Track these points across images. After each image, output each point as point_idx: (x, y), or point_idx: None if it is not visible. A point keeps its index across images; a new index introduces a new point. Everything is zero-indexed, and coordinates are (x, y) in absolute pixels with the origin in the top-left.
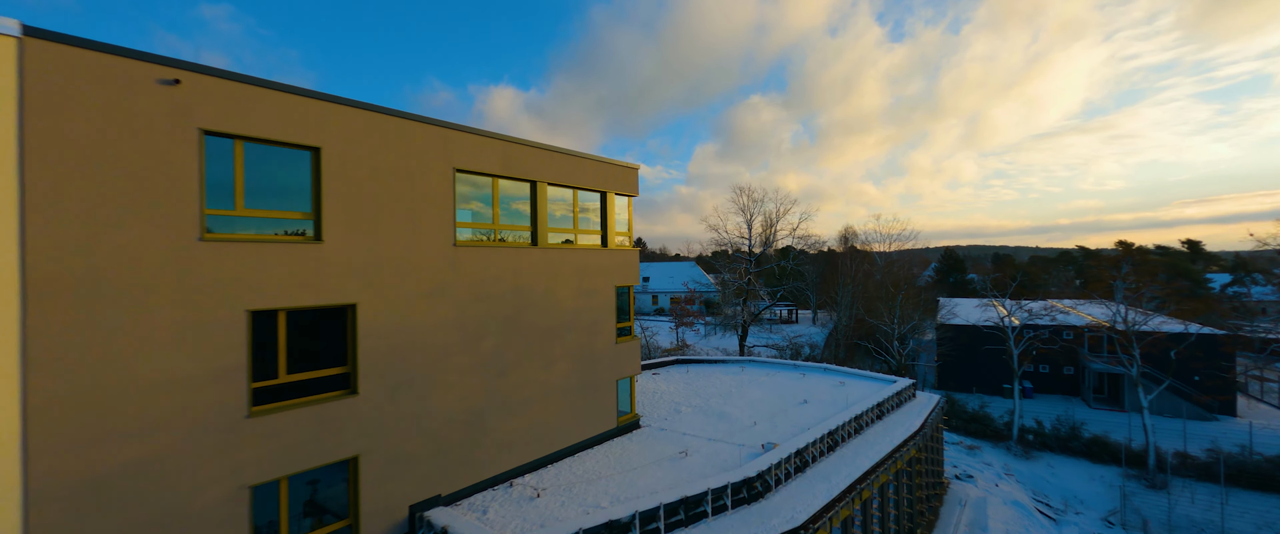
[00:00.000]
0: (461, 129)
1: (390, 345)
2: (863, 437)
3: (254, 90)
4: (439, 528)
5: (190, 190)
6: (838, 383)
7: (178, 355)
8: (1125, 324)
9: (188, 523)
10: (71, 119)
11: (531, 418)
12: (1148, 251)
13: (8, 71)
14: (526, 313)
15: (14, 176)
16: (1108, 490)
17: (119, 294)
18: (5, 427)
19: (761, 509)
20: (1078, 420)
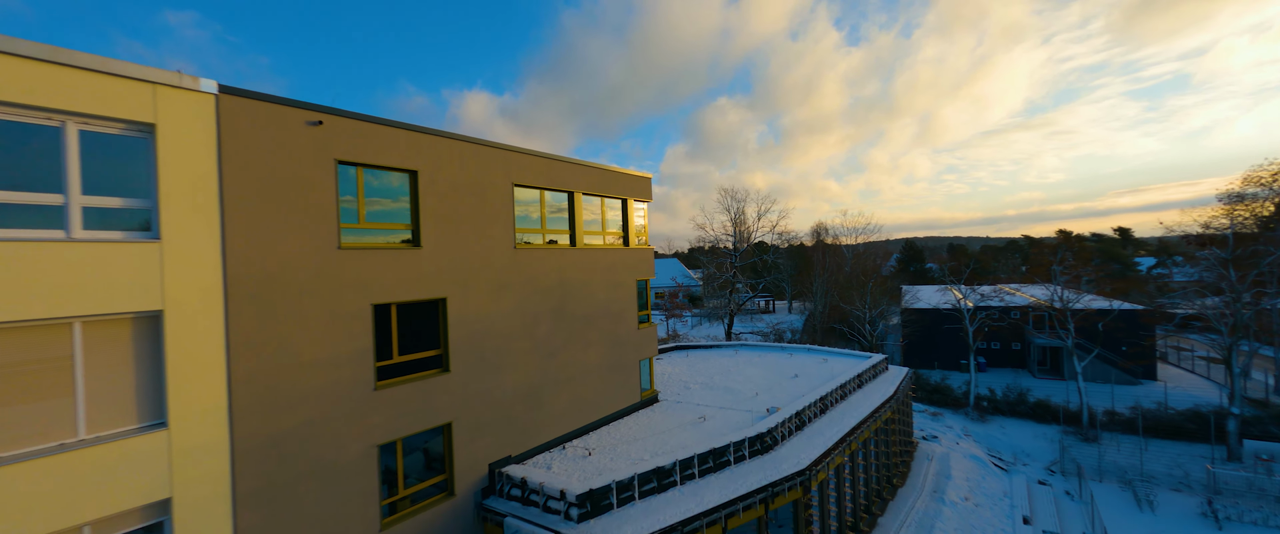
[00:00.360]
0: (516, 149)
1: (471, 332)
2: (847, 402)
3: (371, 126)
4: (518, 479)
5: (330, 209)
6: (821, 360)
7: (325, 341)
8: (1061, 303)
9: (335, 473)
10: (251, 154)
11: (575, 392)
12: (1084, 239)
13: (209, 120)
14: (569, 304)
15: (216, 200)
16: (1049, 445)
17: (285, 293)
18: (216, 396)
19: (772, 458)
20: (1024, 388)
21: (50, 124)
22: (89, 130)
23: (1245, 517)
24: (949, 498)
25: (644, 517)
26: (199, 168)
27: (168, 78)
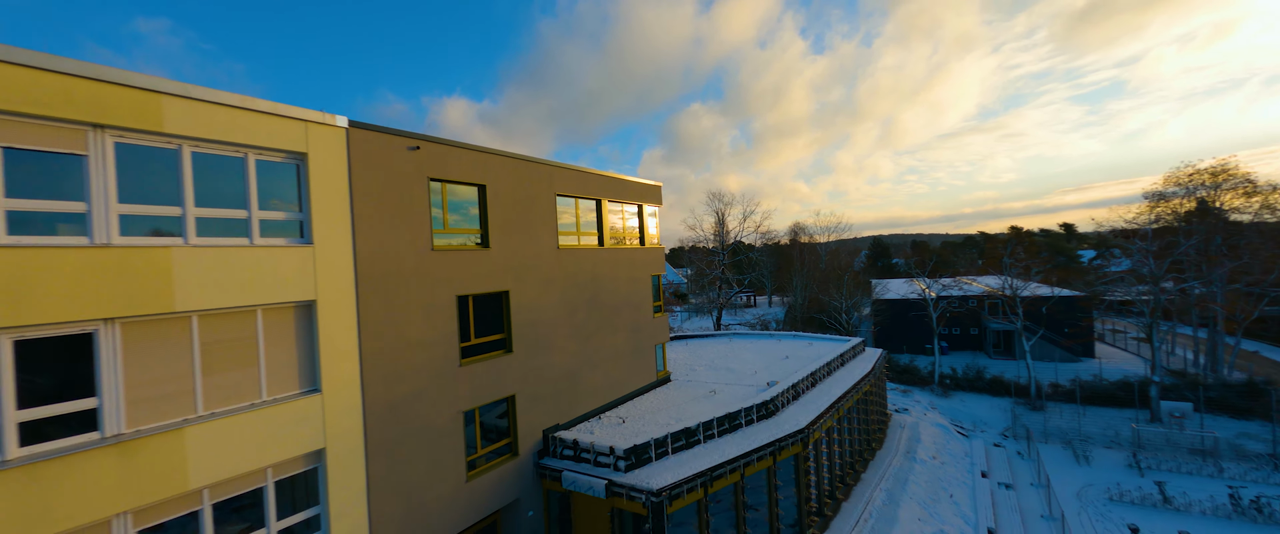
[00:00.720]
0: (555, 164)
1: (527, 319)
2: (833, 377)
3: (452, 148)
4: (570, 441)
5: (424, 217)
6: (807, 344)
7: (424, 325)
8: (1011, 291)
9: (433, 433)
10: (370, 174)
11: (606, 371)
12: (1033, 234)
13: (342, 148)
14: (599, 295)
15: (348, 212)
16: (1003, 414)
17: (396, 286)
18: (352, 369)
19: (775, 421)
20: (980, 367)
21: (237, 155)
22: (262, 159)
23: (1162, 466)
24: (920, 457)
25: (677, 466)
26: (336, 186)
27: (316, 116)
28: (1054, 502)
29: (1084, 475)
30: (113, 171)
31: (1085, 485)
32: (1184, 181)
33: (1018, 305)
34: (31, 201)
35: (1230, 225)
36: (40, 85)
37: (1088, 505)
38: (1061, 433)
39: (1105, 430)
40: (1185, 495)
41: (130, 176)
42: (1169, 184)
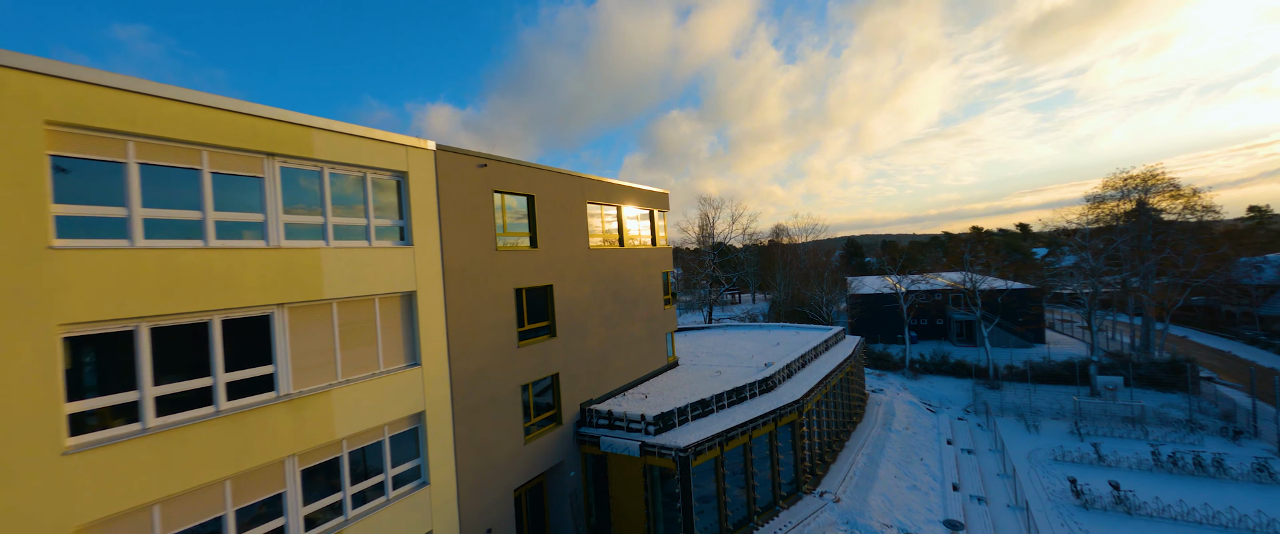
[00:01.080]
0: (586, 176)
1: (567, 309)
2: (819, 359)
3: (510, 165)
4: (605, 412)
5: (490, 223)
6: (795, 332)
7: (492, 312)
8: (971, 285)
9: (500, 402)
10: (452, 187)
11: (628, 355)
12: (992, 234)
13: (431, 167)
14: (621, 290)
15: (436, 218)
16: (965, 393)
17: (471, 279)
18: (442, 346)
19: (774, 394)
20: (945, 353)
21: (359, 175)
22: (376, 177)
23: (1098, 431)
24: (894, 428)
25: (697, 430)
26: (428, 197)
27: (414, 141)
28: (1008, 462)
29: (1034, 441)
30: (279, 189)
31: (1034, 449)
32: (1118, 186)
33: (977, 298)
34: (231, 214)
35: (1159, 224)
36: (238, 125)
37: (1036, 465)
38: (1015, 407)
39: (1052, 404)
40: (1115, 454)
41: (289, 192)
42: (1106, 188)
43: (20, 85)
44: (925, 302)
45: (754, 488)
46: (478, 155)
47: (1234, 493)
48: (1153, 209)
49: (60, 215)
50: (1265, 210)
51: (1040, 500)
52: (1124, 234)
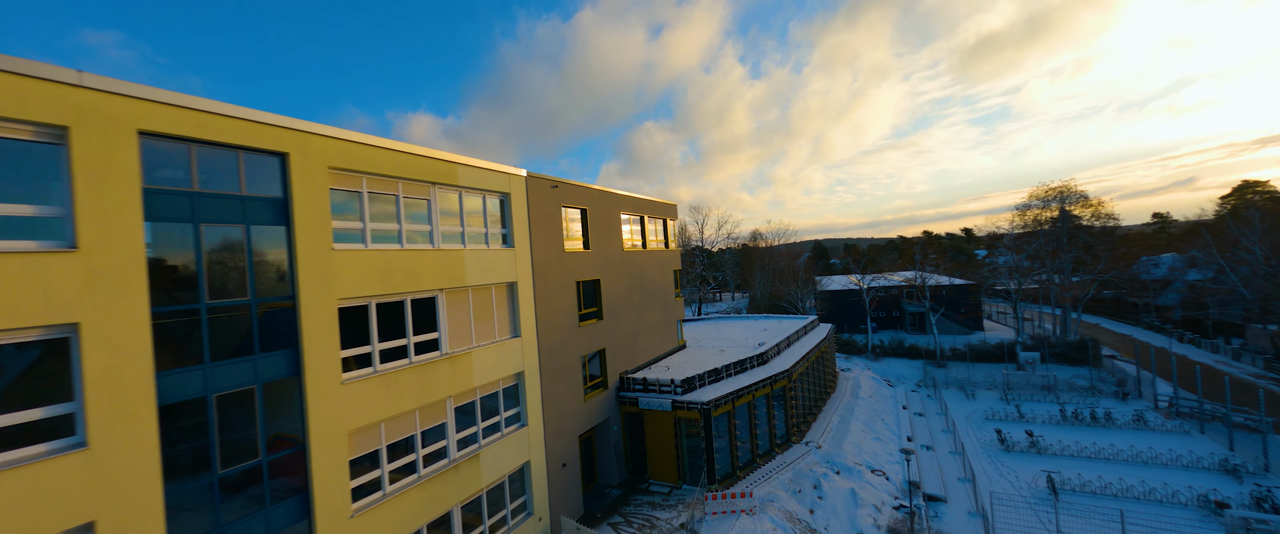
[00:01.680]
0: (619, 193)
1: (610, 298)
2: (800, 341)
3: (572, 184)
4: (640, 378)
5: (559, 231)
6: (778, 321)
7: (562, 299)
8: (922, 281)
9: (567, 369)
10: (536, 205)
11: (650, 337)
12: (940, 237)
13: (522, 188)
14: (645, 283)
15: (527, 228)
16: (917, 371)
17: (548, 274)
18: (532, 324)
19: (767, 366)
20: (901, 339)
21: (479, 196)
22: (489, 197)
23: (1021, 397)
24: (861, 397)
25: (713, 390)
26: (522, 211)
27: (512, 170)
28: (950, 421)
29: (971, 406)
30: (438, 207)
31: (971, 412)
32: (1041, 196)
33: (927, 293)
34: (413, 225)
35: (1074, 229)
36: (420, 163)
37: (972, 423)
38: (957, 381)
39: (986, 377)
40: (1033, 413)
41: (443, 209)
42: (1031, 198)
43: (321, 143)
44: (883, 296)
45: (757, 437)
46: (550, 179)
47: (1116, 436)
48: (1071, 216)
49: (335, 229)
50: (1166, 217)
51: (974, 447)
52: (1044, 238)
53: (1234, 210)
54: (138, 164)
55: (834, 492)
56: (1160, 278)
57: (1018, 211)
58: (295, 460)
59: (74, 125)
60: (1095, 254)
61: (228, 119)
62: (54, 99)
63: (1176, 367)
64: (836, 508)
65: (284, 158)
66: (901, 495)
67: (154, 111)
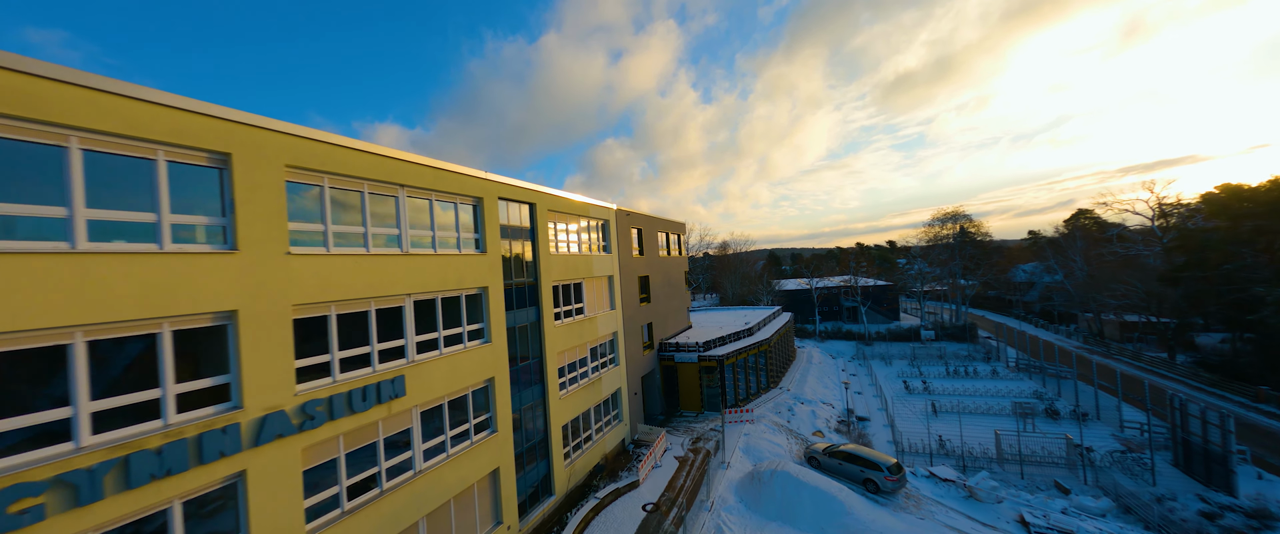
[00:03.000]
0: (658, 217)
1: (653, 289)
2: (772, 323)
3: (636, 214)
4: (673, 343)
5: (630, 244)
6: (753, 310)
7: (631, 287)
8: (855, 283)
9: (634, 333)
10: (621, 227)
11: (673, 318)
12: (869, 248)
13: (613, 216)
14: (670, 279)
15: (615, 243)
16: (852, 349)
17: (626, 271)
18: (618, 301)
19: (754, 336)
20: (840, 326)
21: (599, 222)
22: (599, 222)
23: (924, 365)
24: (814, 363)
25: (722, 349)
26: (613, 232)
27: (609, 203)
28: (874, 378)
29: (888, 369)
30: (573, 228)
31: (888, 372)
32: (940, 216)
33: (858, 292)
34: (577, 240)
35: (964, 243)
36: (571, 203)
37: (887, 379)
38: (880, 354)
39: (899, 351)
40: (928, 371)
41: (581, 231)
42: (933, 219)
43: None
44: (826, 294)
45: (750, 382)
46: (627, 210)
47: (977, 383)
48: (967, 232)
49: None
50: (1037, 234)
51: (888, 392)
52: (943, 250)
53: (1070, 232)
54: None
55: (801, 411)
56: (1024, 281)
57: (926, 228)
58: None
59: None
60: (979, 262)
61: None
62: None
63: (1028, 342)
64: (803, 419)
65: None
66: (842, 414)
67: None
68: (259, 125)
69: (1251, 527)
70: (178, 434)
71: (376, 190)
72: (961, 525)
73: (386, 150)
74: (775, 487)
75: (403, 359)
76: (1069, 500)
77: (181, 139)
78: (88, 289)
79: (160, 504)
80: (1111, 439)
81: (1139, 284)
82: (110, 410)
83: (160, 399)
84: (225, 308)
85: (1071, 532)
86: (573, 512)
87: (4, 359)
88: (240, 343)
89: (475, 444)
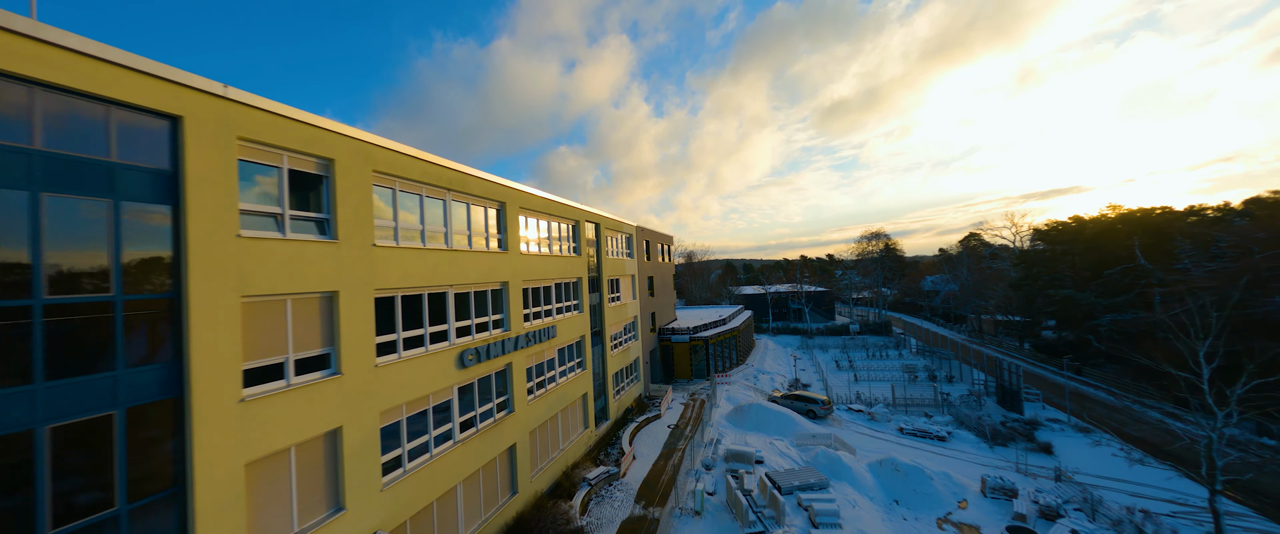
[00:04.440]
0: (656, 231)
1: (655, 287)
2: (738, 317)
3: (646, 230)
4: (669, 328)
5: (643, 251)
6: (721, 308)
7: (641, 283)
8: (800, 290)
9: (645, 319)
10: (638, 241)
11: (666, 311)
12: (811, 260)
13: (635, 230)
14: (663, 280)
15: (634, 249)
16: (798, 341)
17: (640, 271)
18: (639, 296)
19: (726, 325)
20: (789, 324)
21: (625, 235)
22: (621, 236)
23: (851, 350)
24: (769, 350)
25: (706, 333)
26: (635, 243)
27: (633, 222)
28: (815, 361)
29: (825, 355)
30: (609, 239)
31: (825, 358)
32: (866, 234)
33: (803, 297)
34: (615, 248)
35: (886, 258)
36: (618, 224)
37: (824, 362)
38: (819, 344)
39: (834, 343)
40: (854, 356)
41: (605, 239)
42: (861, 236)
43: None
44: (777, 298)
45: (725, 358)
46: (640, 226)
47: (888, 362)
48: (891, 249)
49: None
50: (945, 251)
51: (825, 369)
52: (869, 263)
53: (961, 250)
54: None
55: (762, 379)
56: (930, 289)
57: (856, 244)
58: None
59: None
60: (897, 273)
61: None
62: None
63: (929, 336)
64: (764, 384)
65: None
66: (791, 381)
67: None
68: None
69: (1027, 428)
70: (485, 341)
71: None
72: (863, 431)
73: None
74: (752, 413)
75: (552, 317)
76: (928, 420)
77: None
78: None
79: (487, 372)
80: (966, 390)
81: (1000, 291)
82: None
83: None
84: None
85: (924, 430)
86: (621, 430)
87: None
88: (509, 298)
89: (577, 375)
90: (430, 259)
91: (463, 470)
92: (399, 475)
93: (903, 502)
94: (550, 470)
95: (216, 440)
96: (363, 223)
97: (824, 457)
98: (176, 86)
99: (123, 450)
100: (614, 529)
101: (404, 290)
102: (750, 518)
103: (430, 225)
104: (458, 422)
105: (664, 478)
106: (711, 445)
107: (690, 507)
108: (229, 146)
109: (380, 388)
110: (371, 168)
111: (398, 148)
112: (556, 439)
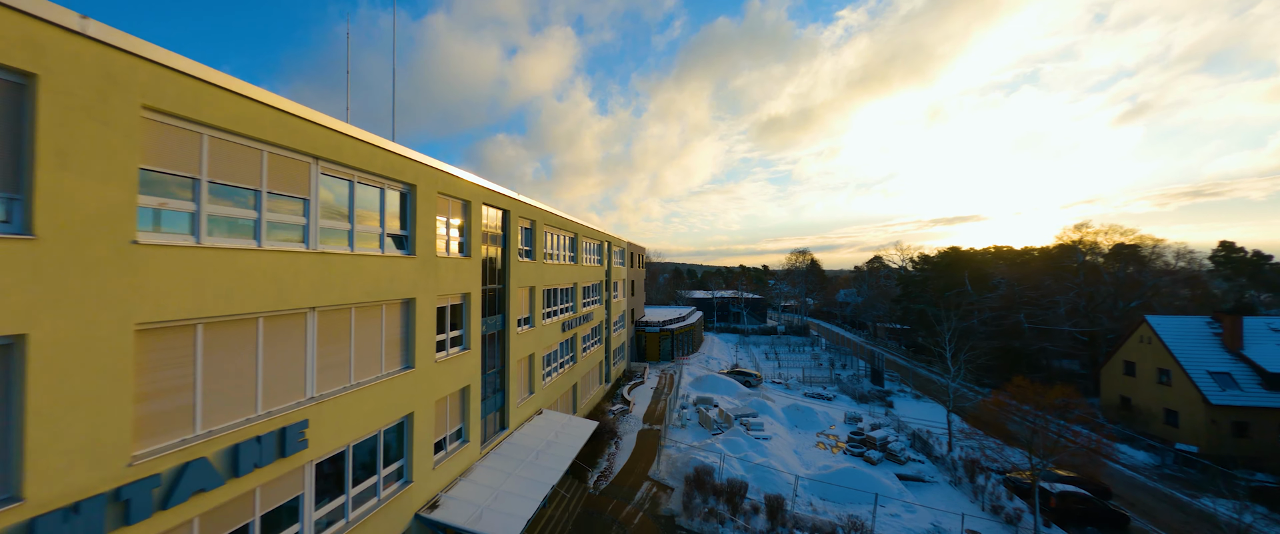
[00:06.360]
0: (635, 242)
1: (634, 289)
2: (692, 316)
3: (633, 243)
4: (642, 322)
5: (628, 260)
6: (678, 309)
7: (625, 287)
8: (739, 295)
9: (628, 315)
10: (629, 254)
11: (639, 309)
12: (749, 269)
13: (626, 246)
14: (638, 283)
15: (625, 261)
16: (737, 338)
17: (623, 277)
18: (625, 296)
19: (684, 322)
20: (731, 325)
21: (621, 250)
22: (616, 248)
23: (778, 347)
24: (715, 344)
25: (672, 326)
26: (626, 255)
27: (635, 241)
28: (750, 354)
29: (758, 349)
30: (595, 245)
31: (757, 351)
32: (795, 250)
33: (742, 302)
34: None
35: (809, 272)
36: (619, 241)
37: (757, 354)
38: (753, 342)
39: (765, 340)
40: (779, 350)
41: (596, 247)
42: (793, 250)
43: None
44: (721, 302)
45: (684, 346)
46: (630, 242)
47: (806, 354)
48: (816, 264)
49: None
50: (860, 268)
51: (757, 359)
52: (796, 276)
53: (866, 269)
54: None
55: (711, 361)
56: (843, 301)
57: (788, 256)
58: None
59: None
60: (818, 286)
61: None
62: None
63: (837, 338)
64: (712, 365)
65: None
66: (732, 366)
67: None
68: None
69: (883, 394)
70: (568, 318)
71: (581, 235)
72: (781, 395)
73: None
74: (708, 381)
75: (591, 306)
76: (822, 389)
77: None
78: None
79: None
80: (852, 373)
81: (886, 305)
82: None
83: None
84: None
85: (819, 393)
86: (620, 389)
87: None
88: (577, 293)
89: (598, 347)
90: (562, 271)
91: (560, 388)
92: (551, 375)
93: (799, 426)
94: (589, 401)
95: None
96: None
97: (756, 403)
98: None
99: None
100: (635, 433)
101: (549, 287)
102: (714, 430)
103: (559, 254)
104: (560, 360)
105: (658, 410)
106: (684, 397)
107: (677, 423)
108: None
109: (544, 335)
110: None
111: (545, 206)
112: (590, 384)
